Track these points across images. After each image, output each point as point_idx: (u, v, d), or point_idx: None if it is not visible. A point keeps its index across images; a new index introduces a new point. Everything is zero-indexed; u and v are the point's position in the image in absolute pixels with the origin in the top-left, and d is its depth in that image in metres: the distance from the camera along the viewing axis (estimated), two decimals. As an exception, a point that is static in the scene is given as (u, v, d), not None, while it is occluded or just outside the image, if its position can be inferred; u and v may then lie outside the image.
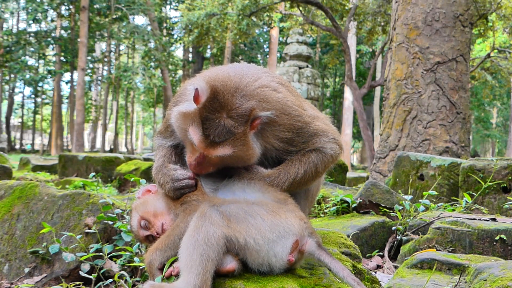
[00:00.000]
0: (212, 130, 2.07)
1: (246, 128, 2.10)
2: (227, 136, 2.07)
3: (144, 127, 66.73)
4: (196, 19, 18.68)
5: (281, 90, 2.33)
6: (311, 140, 2.34)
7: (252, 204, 1.99)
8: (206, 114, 2.09)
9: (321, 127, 2.40)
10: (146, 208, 2.25)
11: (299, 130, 2.31)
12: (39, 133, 50.30)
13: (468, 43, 8.55)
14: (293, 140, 2.30)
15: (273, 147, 2.28)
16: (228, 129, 2.07)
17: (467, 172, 4.72)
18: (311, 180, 2.36)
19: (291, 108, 2.30)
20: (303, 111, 2.36)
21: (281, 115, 2.25)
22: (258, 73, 2.32)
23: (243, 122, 2.09)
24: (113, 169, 9.30)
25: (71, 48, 33.51)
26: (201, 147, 2.11)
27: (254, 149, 2.17)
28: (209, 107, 2.09)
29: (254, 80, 2.25)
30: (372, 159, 15.67)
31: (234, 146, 2.10)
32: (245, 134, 2.11)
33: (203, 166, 2.19)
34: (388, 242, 3.61)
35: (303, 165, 2.29)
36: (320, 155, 2.34)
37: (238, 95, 2.13)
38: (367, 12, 18.70)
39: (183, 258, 1.86)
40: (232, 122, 2.08)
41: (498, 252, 3.01)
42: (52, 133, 36.55)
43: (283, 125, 2.26)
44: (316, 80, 21.08)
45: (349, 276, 1.90)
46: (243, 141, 2.11)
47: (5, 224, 3.20)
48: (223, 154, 2.10)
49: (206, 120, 2.08)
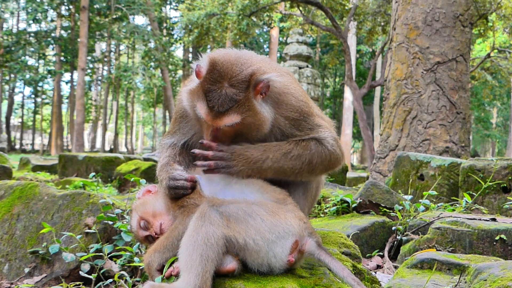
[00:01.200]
0: (215, 100, 2.08)
1: (249, 94, 2.11)
2: (231, 104, 2.08)
3: (144, 127, 66.72)
4: (196, 19, 18.67)
5: (285, 76, 2.34)
6: (316, 128, 2.32)
7: (251, 205, 1.98)
8: (208, 86, 2.10)
9: (327, 126, 2.39)
10: (146, 209, 2.26)
11: (306, 115, 2.29)
12: (39, 133, 50.29)
13: (468, 43, 8.55)
14: (300, 124, 2.28)
15: (280, 127, 2.26)
16: (230, 97, 2.08)
17: (467, 172, 4.72)
18: (305, 171, 2.29)
19: (297, 93, 2.30)
20: (308, 101, 2.37)
21: (286, 94, 2.25)
22: (265, 58, 2.35)
23: (245, 88, 2.10)
24: (113, 169, 9.30)
25: (71, 48, 33.50)
26: (208, 119, 2.12)
27: (263, 114, 2.16)
28: (209, 79, 2.11)
29: (256, 56, 2.28)
30: (372, 159, 15.67)
31: (240, 112, 2.10)
32: (249, 99, 2.11)
33: (220, 139, 2.19)
34: (388, 242, 3.61)
35: (299, 147, 2.26)
36: (320, 146, 2.30)
37: (238, 64, 2.15)
38: (367, 12, 18.71)
39: (183, 258, 1.86)
40: (234, 90, 2.09)
41: (498, 252, 3.01)
42: (52, 133, 36.55)
43: (289, 105, 2.26)
44: (316, 80, 21.08)
45: (349, 276, 1.90)
46: (248, 107, 2.11)
47: (5, 224, 3.20)
48: (231, 122, 2.11)
49: (208, 92, 2.10)
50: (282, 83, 2.24)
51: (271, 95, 2.21)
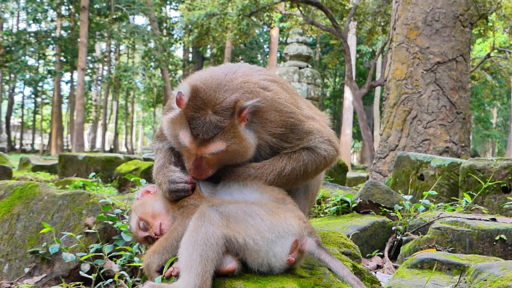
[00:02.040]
0: (200, 128, 2.05)
1: (234, 120, 2.08)
2: (216, 131, 2.05)
3: (144, 127, 66.71)
4: (196, 19, 18.67)
5: (272, 87, 2.29)
6: (305, 137, 2.29)
7: (251, 204, 1.98)
8: (191, 113, 2.07)
9: (316, 127, 2.35)
10: (145, 209, 2.25)
11: (293, 126, 2.27)
12: (39, 133, 50.28)
13: (468, 43, 8.55)
14: (287, 136, 2.26)
15: (267, 142, 2.24)
16: (215, 124, 2.05)
17: (467, 172, 4.72)
18: (301, 179, 2.30)
19: (282, 105, 2.26)
20: (296, 109, 2.32)
21: (271, 111, 2.22)
22: (248, 71, 2.30)
23: (229, 115, 2.07)
24: (113, 169, 9.30)
25: (71, 48, 33.49)
26: (193, 147, 2.09)
27: (247, 141, 2.14)
28: (192, 106, 2.08)
29: (239, 76, 2.23)
30: (372, 159, 15.67)
31: (225, 140, 2.07)
32: (234, 126, 2.09)
33: (203, 169, 2.17)
34: (388, 242, 3.61)
35: (291, 161, 2.25)
36: (312, 155, 2.29)
37: (221, 90, 2.12)
38: (367, 12, 18.70)
39: (182, 258, 1.86)
40: (218, 117, 2.06)
41: (498, 252, 3.01)
42: (52, 133, 36.54)
43: (274, 122, 2.23)
44: (316, 80, 21.07)
45: (349, 275, 1.90)
46: (233, 134, 2.09)
47: (5, 224, 3.20)
48: (216, 150, 2.08)
49: (192, 120, 2.07)
50: (267, 103, 2.21)
51: (257, 116, 2.18)
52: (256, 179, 2.20)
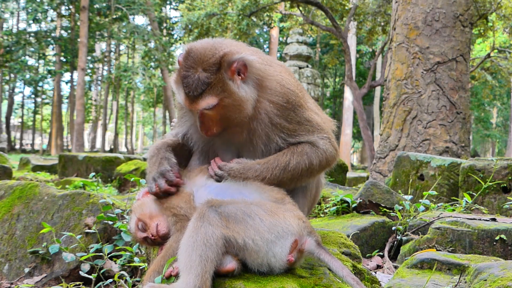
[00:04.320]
0: (190, 85, 2.12)
1: (221, 75, 2.13)
2: (204, 87, 2.11)
3: (144, 127, 66.68)
4: (196, 19, 18.67)
5: (274, 65, 2.33)
6: (305, 125, 2.30)
7: (250, 205, 1.98)
8: (184, 73, 2.15)
9: (317, 120, 2.36)
10: (143, 210, 2.27)
11: (294, 104, 2.27)
12: (39, 133, 50.27)
13: (468, 43, 8.55)
14: (288, 114, 2.26)
15: (267, 111, 2.24)
16: (203, 81, 2.11)
17: (467, 172, 4.72)
18: (305, 175, 2.30)
19: (284, 81, 2.29)
20: (299, 93, 2.33)
21: (271, 79, 2.25)
22: (249, 47, 2.36)
23: (216, 70, 2.12)
24: (113, 169, 9.30)
25: (71, 48, 33.47)
26: (187, 105, 2.16)
27: (240, 93, 2.16)
28: (185, 66, 2.15)
29: (241, 44, 2.30)
30: (372, 159, 15.66)
31: (215, 94, 2.12)
32: (222, 80, 2.13)
33: (207, 126, 2.21)
34: (388, 242, 3.61)
35: (296, 156, 2.26)
36: (315, 148, 2.29)
37: (211, 48, 2.17)
38: (367, 12, 18.70)
39: (182, 259, 1.86)
40: (206, 74, 2.12)
41: (498, 252, 3.01)
42: (52, 133, 36.53)
43: (274, 90, 2.25)
44: (316, 80, 21.07)
45: (349, 275, 1.90)
46: (222, 88, 2.13)
47: (5, 224, 3.20)
48: (208, 105, 2.13)
49: (184, 79, 2.14)
50: (261, 64, 2.24)
51: (253, 77, 2.21)
52: (262, 174, 2.22)
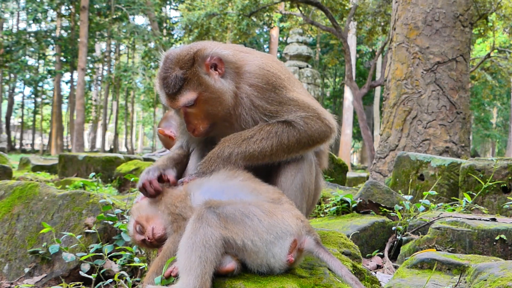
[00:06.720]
0: (168, 84, 2.20)
1: (195, 69, 2.20)
2: (180, 83, 2.18)
3: (144, 127, 66.66)
4: (196, 19, 18.68)
5: (255, 53, 2.37)
6: (287, 106, 2.27)
7: (248, 205, 1.98)
8: (163, 74, 2.23)
9: (304, 100, 2.31)
10: (140, 213, 2.28)
11: (275, 86, 2.26)
12: (39, 133, 50.26)
13: (468, 43, 8.55)
14: (269, 95, 2.25)
15: (248, 95, 2.25)
16: (179, 77, 2.18)
17: (467, 172, 4.72)
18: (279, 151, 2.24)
19: (265, 64, 2.30)
20: (281, 75, 2.32)
21: (250, 64, 2.27)
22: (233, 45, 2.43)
23: (190, 65, 2.20)
24: (113, 169, 9.29)
25: (71, 48, 33.46)
26: (168, 104, 2.24)
27: (217, 86, 2.21)
28: (164, 68, 2.24)
29: (218, 43, 2.34)
30: (372, 159, 15.66)
31: (192, 89, 2.19)
32: (197, 75, 2.19)
33: (195, 125, 2.26)
34: (388, 242, 3.61)
35: (262, 132, 2.24)
36: (287, 128, 2.25)
37: (187, 48, 2.25)
38: (367, 12, 18.70)
39: (181, 260, 1.86)
40: (182, 71, 2.19)
41: (498, 252, 3.01)
42: (52, 133, 36.52)
43: (253, 73, 2.27)
44: (316, 80, 21.08)
45: (348, 274, 1.90)
46: (198, 82, 2.19)
47: (5, 224, 3.20)
48: (187, 100, 2.19)
49: (164, 80, 2.22)
50: (236, 55, 2.28)
51: (230, 70, 2.26)
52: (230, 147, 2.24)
